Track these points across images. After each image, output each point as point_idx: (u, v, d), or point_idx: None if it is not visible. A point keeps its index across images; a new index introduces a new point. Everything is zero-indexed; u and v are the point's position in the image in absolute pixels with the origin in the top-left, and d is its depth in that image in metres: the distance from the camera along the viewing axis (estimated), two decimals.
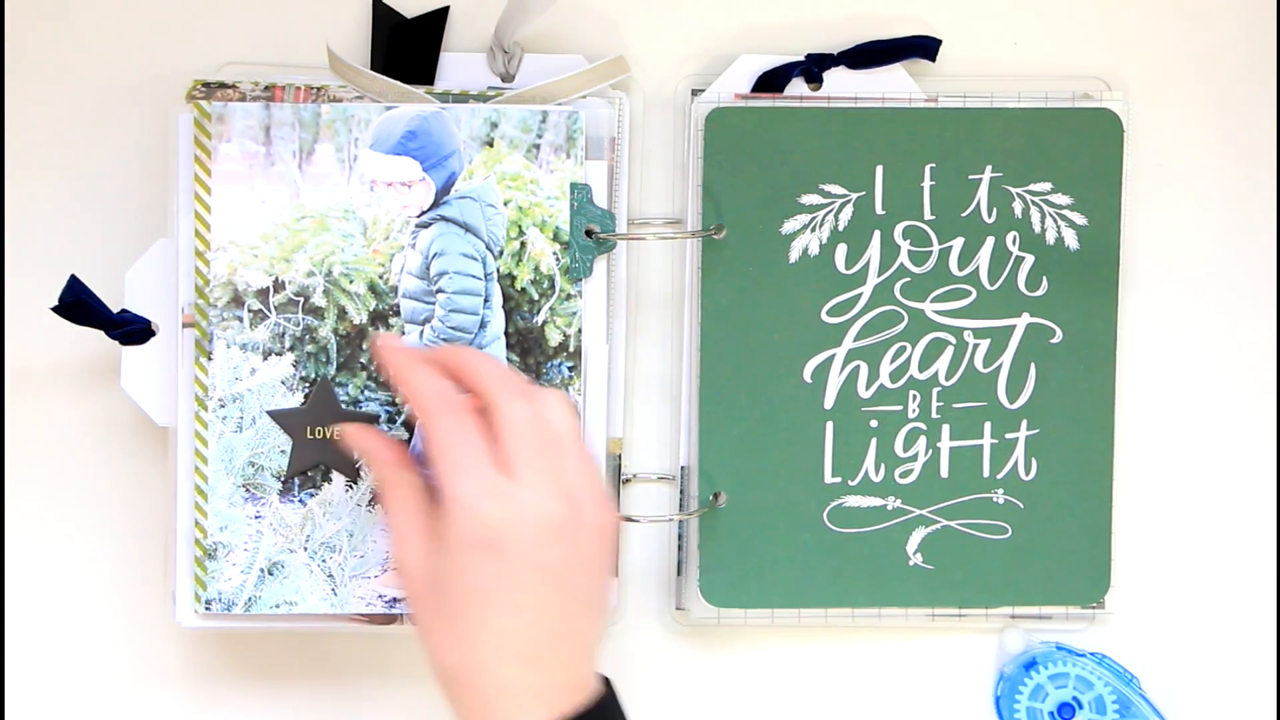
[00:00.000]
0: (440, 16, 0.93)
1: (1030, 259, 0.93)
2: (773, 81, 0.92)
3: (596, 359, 0.91)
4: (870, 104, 0.92)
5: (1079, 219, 0.92)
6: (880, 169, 0.92)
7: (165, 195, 0.91)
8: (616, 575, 0.92)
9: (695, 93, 0.93)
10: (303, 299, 0.89)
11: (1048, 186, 0.92)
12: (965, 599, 0.93)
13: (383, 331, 0.89)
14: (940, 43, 0.93)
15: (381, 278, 0.89)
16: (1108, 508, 0.93)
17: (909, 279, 0.92)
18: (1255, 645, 0.96)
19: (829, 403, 0.92)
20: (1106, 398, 0.93)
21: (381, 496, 0.85)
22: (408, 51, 0.92)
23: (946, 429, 0.93)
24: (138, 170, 0.93)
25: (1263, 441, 0.96)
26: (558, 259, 0.90)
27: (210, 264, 0.89)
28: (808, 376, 0.92)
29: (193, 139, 0.89)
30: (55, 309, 0.88)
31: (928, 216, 0.92)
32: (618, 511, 0.84)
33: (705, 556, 0.92)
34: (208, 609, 0.89)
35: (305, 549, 0.89)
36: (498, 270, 0.89)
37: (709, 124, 0.91)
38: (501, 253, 0.89)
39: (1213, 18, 0.95)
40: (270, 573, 0.89)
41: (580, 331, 0.90)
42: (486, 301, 0.89)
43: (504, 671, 0.79)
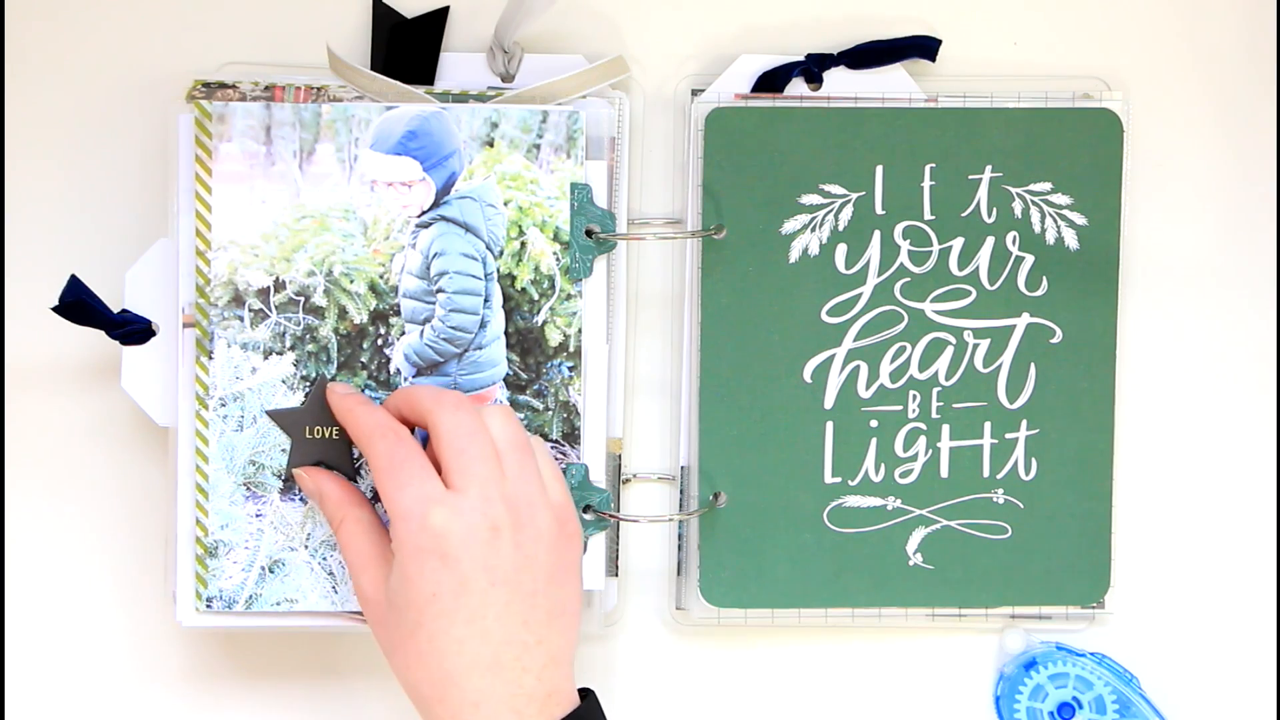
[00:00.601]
0: (440, 16, 0.93)
1: (1030, 259, 0.92)
2: (773, 81, 0.92)
3: (596, 359, 0.91)
4: (870, 104, 0.92)
5: (1079, 219, 0.92)
6: (880, 169, 0.92)
7: (166, 195, 0.91)
8: (616, 575, 0.93)
9: (695, 93, 0.93)
10: (303, 299, 0.89)
11: (1048, 186, 0.92)
12: (965, 599, 0.93)
13: (336, 380, 0.89)
14: (940, 43, 0.93)
15: (382, 277, 0.89)
16: (1107, 508, 0.93)
17: (909, 279, 0.92)
18: (1255, 645, 0.96)
19: (829, 403, 0.92)
20: (1106, 398, 0.93)
21: (336, 534, 0.85)
22: (408, 51, 0.92)
23: (946, 429, 0.93)
24: (138, 170, 0.93)
25: (1263, 441, 0.96)
26: (558, 259, 0.90)
27: (211, 264, 0.89)
28: (808, 376, 0.92)
29: (193, 139, 0.89)
30: (55, 309, 0.88)
31: (928, 216, 0.92)
32: (577, 520, 0.84)
33: (705, 556, 0.92)
34: (208, 607, 0.89)
35: (306, 547, 0.89)
36: (498, 270, 0.89)
37: (709, 124, 0.91)
38: (502, 253, 0.89)
39: (1213, 18, 0.95)
40: (271, 571, 0.89)
41: (580, 331, 0.90)
42: (487, 301, 0.89)
43: (470, 682, 0.80)
